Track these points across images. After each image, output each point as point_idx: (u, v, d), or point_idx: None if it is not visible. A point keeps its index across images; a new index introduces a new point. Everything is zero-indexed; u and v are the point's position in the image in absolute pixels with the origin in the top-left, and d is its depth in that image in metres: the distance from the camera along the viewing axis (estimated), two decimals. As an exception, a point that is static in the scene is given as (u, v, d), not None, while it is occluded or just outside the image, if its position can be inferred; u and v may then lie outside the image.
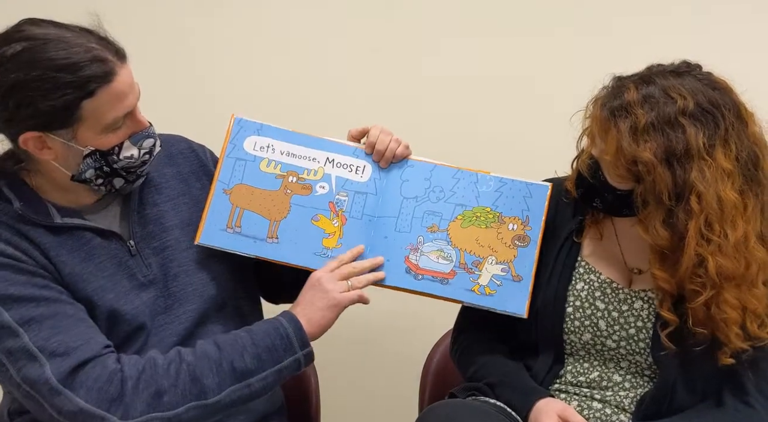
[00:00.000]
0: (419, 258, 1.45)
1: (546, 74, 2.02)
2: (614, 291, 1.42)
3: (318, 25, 2.06)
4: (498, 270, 1.45)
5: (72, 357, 1.20)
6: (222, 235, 1.41)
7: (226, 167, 1.45)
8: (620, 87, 1.33)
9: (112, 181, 1.31)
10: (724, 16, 1.97)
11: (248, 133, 1.47)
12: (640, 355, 1.39)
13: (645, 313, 1.39)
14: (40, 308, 1.22)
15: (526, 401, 1.38)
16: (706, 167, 1.25)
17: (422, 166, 1.50)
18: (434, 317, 1.68)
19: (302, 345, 1.31)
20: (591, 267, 1.45)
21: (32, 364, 1.19)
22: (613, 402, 1.40)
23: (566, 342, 1.44)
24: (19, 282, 1.22)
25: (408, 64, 2.05)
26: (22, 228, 1.26)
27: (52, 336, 1.20)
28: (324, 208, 1.45)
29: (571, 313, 1.43)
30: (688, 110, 1.26)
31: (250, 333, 1.30)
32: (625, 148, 1.27)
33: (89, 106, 1.22)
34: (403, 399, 1.80)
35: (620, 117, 1.29)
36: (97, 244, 1.32)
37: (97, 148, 1.26)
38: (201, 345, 1.29)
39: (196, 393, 1.24)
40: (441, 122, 2.05)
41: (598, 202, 1.39)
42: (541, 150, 1.93)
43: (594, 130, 1.35)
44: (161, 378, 1.23)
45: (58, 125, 1.23)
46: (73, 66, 1.19)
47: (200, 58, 2.04)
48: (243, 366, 1.26)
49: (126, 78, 1.25)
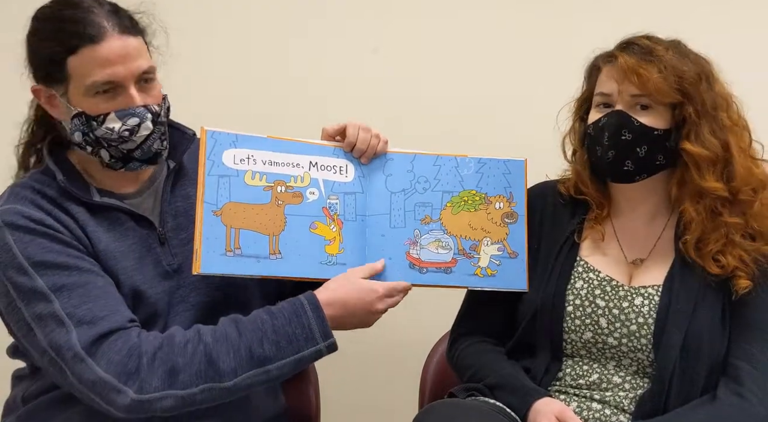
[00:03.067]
0: (420, 252, 1.45)
1: (547, 74, 2.02)
2: (614, 288, 1.43)
3: (318, 24, 2.06)
4: (495, 250, 1.47)
5: (98, 326, 1.23)
6: (223, 260, 1.33)
7: (210, 186, 1.34)
8: (626, 42, 1.42)
9: (99, 152, 1.32)
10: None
11: (225, 146, 1.37)
12: (642, 352, 1.39)
13: (646, 309, 1.39)
14: (72, 276, 1.25)
15: (525, 401, 1.38)
16: (721, 87, 1.41)
17: (402, 158, 1.49)
18: (434, 317, 1.68)
19: (324, 336, 1.30)
20: (590, 266, 1.46)
21: (60, 330, 1.22)
22: (613, 402, 1.40)
23: (566, 342, 1.44)
24: (54, 250, 1.26)
25: (408, 64, 2.05)
26: (63, 202, 1.30)
27: (81, 304, 1.24)
28: (319, 214, 1.42)
29: (571, 312, 1.43)
30: (687, 49, 1.42)
31: (272, 318, 1.29)
32: (670, 67, 1.36)
33: (73, 63, 1.26)
34: (403, 399, 1.79)
35: (649, 54, 1.38)
36: (130, 227, 1.35)
37: (83, 110, 1.29)
38: (221, 326, 1.29)
39: (212, 375, 1.24)
40: (442, 122, 2.05)
41: (630, 163, 1.40)
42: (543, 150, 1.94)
43: (620, 80, 1.39)
44: (177, 356, 1.24)
45: (52, 79, 1.29)
46: (65, 21, 1.27)
47: (200, 58, 2.04)
48: (261, 352, 1.26)
49: (118, 48, 1.27)
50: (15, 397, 1.40)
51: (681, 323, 1.36)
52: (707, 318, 1.36)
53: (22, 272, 1.23)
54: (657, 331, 1.37)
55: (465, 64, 2.05)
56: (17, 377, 1.43)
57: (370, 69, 2.07)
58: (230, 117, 1.98)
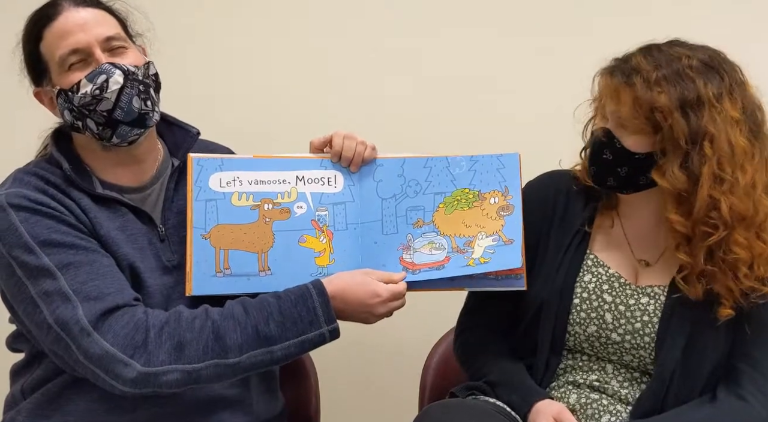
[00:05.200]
0: (413, 256, 1.44)
1: (548, 73, 2.02)
2: (621, 286, 1.43)
3: (318, 24, 2.06)
4: (489, 242, 1.44)
5: (104, 302, 1.25)
6: (214, 281, 1.36)
7: (198, 211, 1.38)
8: (625, 57, 1.39)
9: (87, 125, 1.33)
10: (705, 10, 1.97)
11: (211, 171, 1.40)
12: (644, 350, 1.39)
13: (651, 308, 1.40)
14: (79, 255, 1.27)
15: (526, 401, 1.39)
16: (717, 114, 1.31)
17: (392, 163, 1.48)
18: (434, 317, 1.68)
19: (328, 321, 1.31)
20: (599, 260, 1.46)
21: (66, 305, 1.24)
22: (610, 392, 1.41)
23: (570, 334, 1.44)
24: (60, 230, 1.28)
25: (408, 63, 2.05)
26: (66, 188, 1.33)
27: (87, 280, 1.26)
28: (307, 227, 1.42)
29: (577, 305, 1.43)
30: (694, 65, 1.33)
31: (278, 301, 1.31)
32: (642, 97, 1.32)
33: (44, 49, 1.32)
34: (403, 399, 1.79)
35: (632, 75, 1.34)
36: (130, 219, 1.37)
37: (60, 87, 1.32)
38: (228, 306, 1.30)
39: (218, 350, 1.25)
40: (442, 121, 2.05)
41: (612, 180, 1.40)
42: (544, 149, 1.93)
43: (605, 98, 1.38)
44: (184, 331, 1.26)
45: (39, 76, 1.35)
46: (32, 17, 1.34)
47: (200, 59, 2.04)
48: (267, 332, 1.28)
49: (75, 18, 1.32)
50: (14, 392, 1.40)
51: (685, 323, 1.36)
52: (712, 320, 1.36)
53: (28, 251, 1.25)
54: (661, 330, 1.38)
55: (465, 65, 2.05)
56: (15, 371, 1.43)
57: (370, 68, 2.06)
58: (231, 117, 2.00)
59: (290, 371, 1.66)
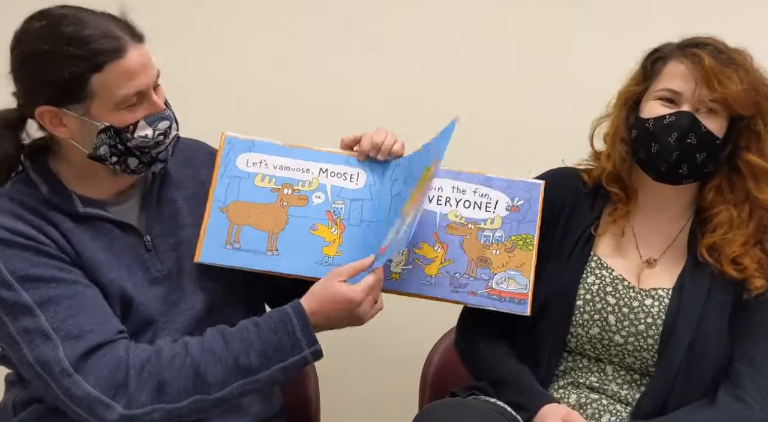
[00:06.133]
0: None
1: (549, 72, 2.02)
2: (625, 288, 1.43)
3: (317, 25, 2.06)
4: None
5: (85, 340, 1.22)
6: (222, 252, 1.40)
7: (221, 187, 1.43)
8: (697, 42, 1.40)
9: (126, 161, 1.31)
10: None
11: (240, 151, 1.46)
12: (647, 352, 1.39)
13: (655, 310, 1.40)
14: (59, 289, 1.24)
15: (532, 404, 1.38)
16: None
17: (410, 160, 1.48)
18: (434, 317, 1.68)
19: (309, 343, 1.30)
20: (603, 262, 1.46)
21: (46, 344, 1.21)
22: (609, 393, 1.41)
23: (572, 335, 1.44)
24: (39, 263, 1.24)
25: (408, 64, 2.05)
26: (47, 213, 1.28)
27: (68, 317, 1.23)
28: (321, 217, 1.44)
29: (580, 306, 1.43)
30: (749, 58, 1.39)
31: (258, 328, 1.30)
32: (754, 78, 1.37)
33: (98, 81, 1.23)
34: (403, 399, 1.79)
35: (730, 59, 1.37)
36: (116, 235, 1.34)
37: (111, 124, 1.27)
38: (208, 337, 1.29)
39: (200, 387, 1.25)
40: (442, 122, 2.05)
41: (686, 167, 1.39)
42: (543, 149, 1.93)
43: (694, 79, 1.37)
44: (165, 369, 1.24)
45: (70, 99, 1.25)
46: (83, 39, 1.23)
47: (200, 58, 2.04)
48: (248, 363, 1.27)
49: (138, 57, 1.26)
50: (6, 402, 1.39)
51: (689, 326, 1.36)
52: (715, 322, 1.37)
53: (6, 287, 1.22)
54: (665, 332, 1.38)
55: (465, 65, 2.05)
56: (9, 381, 1.41)
57: (370, 69, 2.06)
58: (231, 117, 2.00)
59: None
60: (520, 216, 1.47)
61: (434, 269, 1.45)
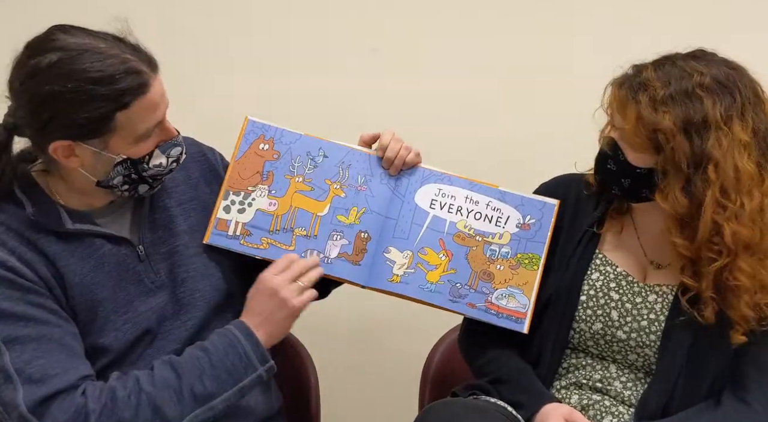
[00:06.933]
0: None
1: (550, 72, 2.02)
2: (629, 284, 1.43)
3: (318, 24, 2.06)
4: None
5: (46, 386, 1.20)
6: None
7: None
8: (638, 69, 1.36)
9: (137, 188, 1.31)
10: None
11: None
12: (649, 348, 1.39)
13: (658, 306, 1.40)
14: (27, 328, 1.21)
15: (534, 403, 1.38)
16: (723, 137, 1.28)
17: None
18: (435, 317, 1.67)
19: (262, 361, 1.31)
20: (608, 259, 1.46)
21: (7, 386, 1.19)
22: (613, 393, 1.41)
23: (575, 331, 1.44)
24: (12, 297, 1.21)
25: (408, 64, 2.05)
26: (32, 237, 1.25)
27: (33, 359, 1.20)
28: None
29: (584, 302, 1.43)
30: (705, 83, 1.30)
31: (207, 354, 1.29)
32: (645, 117, 1.30)
33: (123, 117, 1.22)
34: (403, 399, 1.79)
35: (639, 91, 1.32)
36: (106, 251, 1.31)
37: (129, 156, 1.26)
38: (158, 371, 1.28)
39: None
40: (444, 122, 2.05)
41: (616, 189, 1.39)
42: (544, 149, 1.94)
43: (613, 109, 1.37)
44: (122, 410, 1.22)
45: (91, 135, 1.23)
46: (109, 78, 1.19)
47: (200, 59, 2.04)
48: (203, 390, 1.26)
49: (158, 88, 1.25)
50: None
51: (692, 323, 1.35)
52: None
53: None
54: (667, 328, 1.37)
55: (465, 65, 2.05)
56: None
57: (371, 69, 2.07)
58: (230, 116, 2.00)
59: (290, 370, 1.66)
60: (530, 234, 1.47)
61: (436, 276, 1.45)
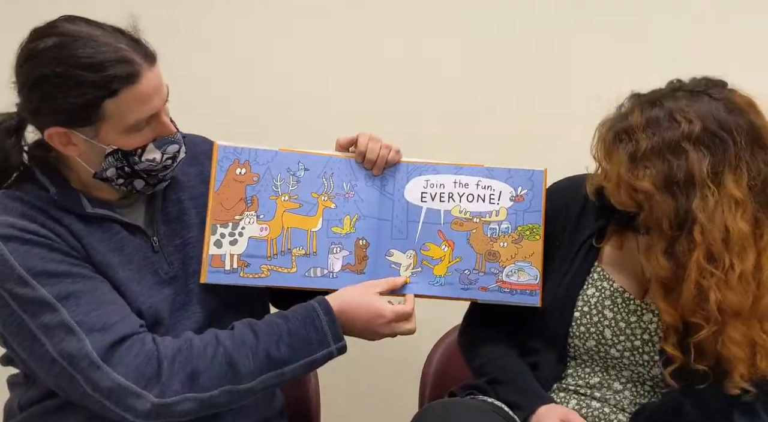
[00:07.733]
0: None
1: (548, 74, 2.02)
2: (625, 301, 1.39)
3: (317, 25, 2.06)
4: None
5: (111, 333, 1.22)
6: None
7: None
8: (627, 109, 1.30)
9: (132, 182, 1.31)
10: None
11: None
12: (643, 367, 1.38)
13: (653, 327, 1.37)
14: (77, 284, 1.23)
15: (530, 404, 1.38)
16: (710, 195, 1.19)
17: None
18: (435, 316, 1.68)
19: (336, 338, 1.32)
20: (605, 274, 1.43)
21: (71, 338, 1.20)
22: (612, 401, 1.40)
23: (570, 346, 1.43)
24: (55, 259, 1.23)
25: (408, 64, 2.05)
26: (55, 213, 1.27)
27: (90, 310, 1.22)
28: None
29: (578, 318, 1.41)
30: (694, 135, 1.21)
31: (287, 322, 1.31)
32: (623, 176, 1.24)
33: (111, 105, 1.22)
34: (403, 399, 1.79)
35: (622, 141, 1.26)
36: (124, 237, 1.33)
37: (120, 147, 1.27)
38: (238, 330, 1.30)
39: (232, 377, 1.25)
40: (445, 122, 2.05)
41: (616, 214, 1.37)
42: (544, 149, 1.93)
43: (600, 154, 1.32)
44: (197, 359, 1.25)
45: (81, 122, 1.23)
46: (98, 65, 1.20)
47: (199, 58, 2.04)
48: (278, 355, 1.28)
49: (152, 81, 1.24)
50: (12, 403, 1.38)
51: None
52: None
53: (22, 283, 1.20)
54: (662, 350, 1.32)
55: (465, 65, 2.05)
56: (11, 383, 1.41)
57: (371, 69, 2.07)
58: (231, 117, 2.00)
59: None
60: (525, 205, 1.46)
61: (443, 269, 1.45)
